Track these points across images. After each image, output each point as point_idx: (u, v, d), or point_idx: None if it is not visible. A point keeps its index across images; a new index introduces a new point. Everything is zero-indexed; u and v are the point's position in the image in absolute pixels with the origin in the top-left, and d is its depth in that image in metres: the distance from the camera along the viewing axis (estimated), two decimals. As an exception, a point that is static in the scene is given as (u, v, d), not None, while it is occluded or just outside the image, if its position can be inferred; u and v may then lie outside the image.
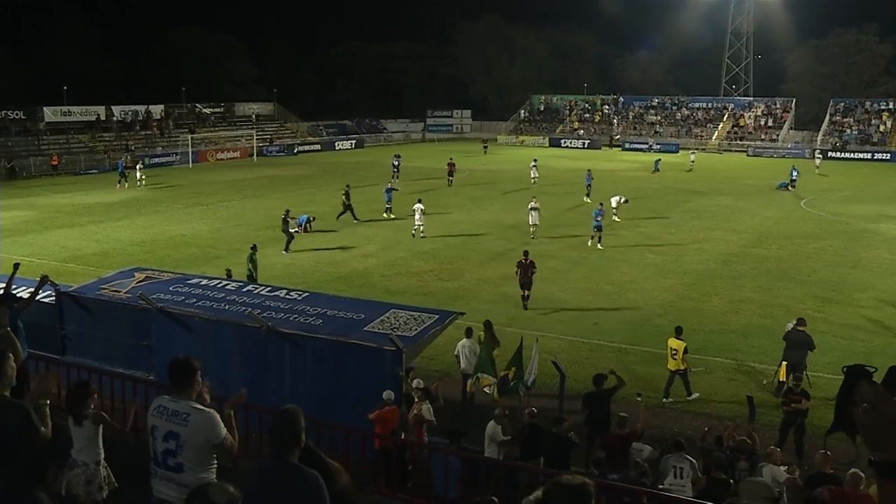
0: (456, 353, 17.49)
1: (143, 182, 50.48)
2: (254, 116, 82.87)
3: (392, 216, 38.68)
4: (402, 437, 12.90)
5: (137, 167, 52.38)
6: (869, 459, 2.30)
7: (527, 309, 24.38)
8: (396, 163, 53.86)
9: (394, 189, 40.00)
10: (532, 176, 51.47)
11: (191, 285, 16.43)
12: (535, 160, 54.68)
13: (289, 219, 31.85)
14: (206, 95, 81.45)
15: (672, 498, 10.62)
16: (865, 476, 10.97)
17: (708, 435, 13.38)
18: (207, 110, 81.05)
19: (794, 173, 51.91)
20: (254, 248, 25.95)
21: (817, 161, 64.26)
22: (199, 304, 15.38)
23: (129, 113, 72.93)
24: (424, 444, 12.88)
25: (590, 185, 45.52)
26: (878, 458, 2.28)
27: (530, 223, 34.35)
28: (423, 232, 34.48)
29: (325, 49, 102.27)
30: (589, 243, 32.48)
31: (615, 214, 37.98)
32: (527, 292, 24.57)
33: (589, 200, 42.74)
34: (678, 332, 18.29)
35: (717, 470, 11.42)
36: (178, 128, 74.33)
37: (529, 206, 34.62)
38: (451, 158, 53.91)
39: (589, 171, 47.36)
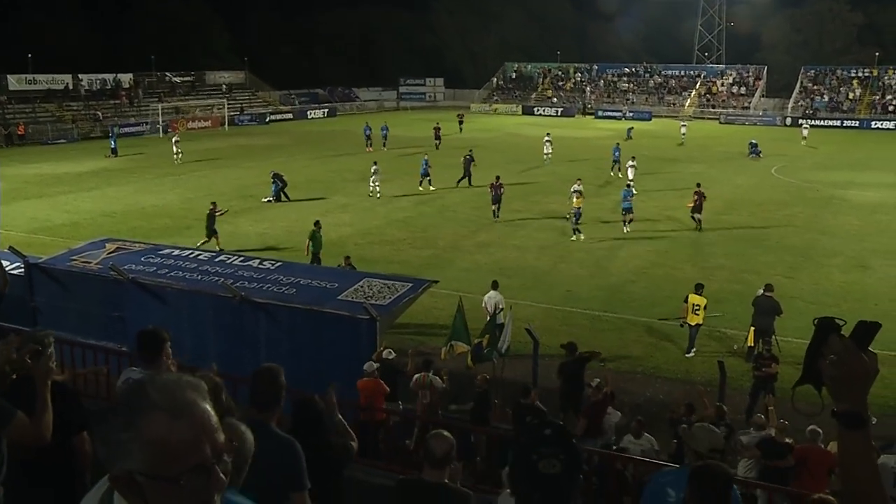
0: (483, 303, 18.20)
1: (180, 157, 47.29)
2: (224, 87, 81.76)
3: (431, 188, 37.94)
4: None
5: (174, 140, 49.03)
6: (832, 410, 2.40)
7: (497, 219, 30.68)
8: (384, 132, 53.57)
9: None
10: (545, 152, 47.24)
11: (163, 256, 16.31)
12: (548, 134, 49.19)
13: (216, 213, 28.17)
14: (176, 64, 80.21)
15: (645, 461, 10.77)
16: (823, 431, 11.26)
17: (679, 406, 13.54)
18: (178, 79, 79.95)
19: (753, 146, 52.16)
20: (317, 224, 24.79)
21: (804, 132, 61.68)
22: (172, 274, 15.27)
23: (98, 82, 71.78)
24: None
25: (617, 161, 42.46)
26: (841, 408, 2.36)
27: (573, 206, 29.95)
28: (378, 193, 35.58)
29: (300, 17, 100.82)
30: (625, 229, 29.78)
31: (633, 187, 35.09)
32: (497, 206, 31.33)
33: (617, 175, 41.17)
34: (699, 289, 18.62)
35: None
36: (148, 97, 73.27)
37: (572, 189, 30.55)
38: (437, 123, 55.75)
39: (617, 143, 45.06)
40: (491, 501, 6.71)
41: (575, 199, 29.48)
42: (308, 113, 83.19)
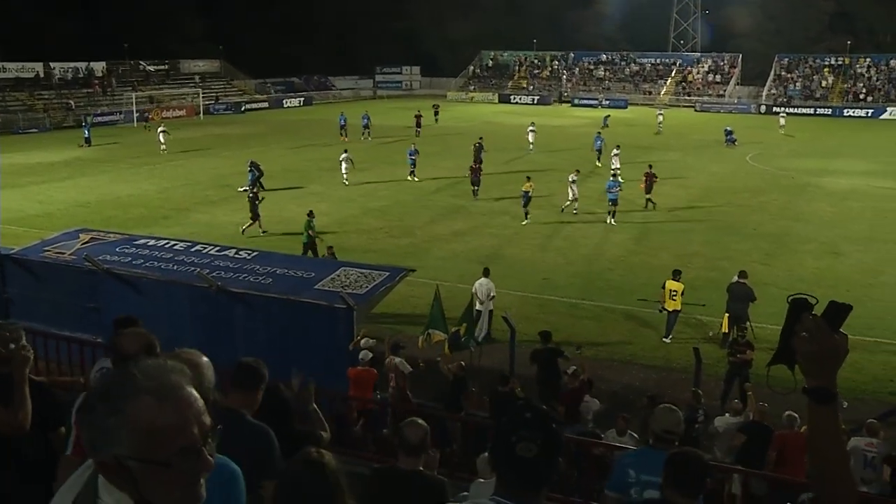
0: (474, 290, 18.28)
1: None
2: (196, 78, 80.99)
3: (416, 178, 37.71)
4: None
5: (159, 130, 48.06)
6: (803, 388, 2.49)
7: (476, 197, 32.50)
8: (365, 122, 53.35)
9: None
10: (530, 141, 47.44)
11: (138, 246, 16.18)
12: (532, 123, 49.23)
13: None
14: (150, 52, 79.36)
15: (622, 447, 10.84)
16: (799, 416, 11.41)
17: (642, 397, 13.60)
18: (152, 67, 79.18)
19: (728, 134, 52.45)
20: (311, 214, 24.77)
21: (781, 120, 61.70)
22: (148, 264, 15.16)
23: (70, 70, 70.93)
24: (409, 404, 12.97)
25: (600, 150, 42.55)
26: (811, 384, 2.46)
27: (570, 198, 31.25)
28: (346, 180, 36.18)
29: (275, 4, 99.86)
30: (607, 221, 29.70)
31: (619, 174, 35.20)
32: (476, 187, 33.48)
33: (600, 164, 41.20)
34: (676, 275, 18.82)
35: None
36: (122, 86, 72.51)
37: (570, 179, 31.37)
38: (418, 111, 56.52)
39: (599, 133, 45.12)
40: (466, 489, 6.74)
41: (525, 184, 30.02)
42: (284, 102, 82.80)
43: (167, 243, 16.66)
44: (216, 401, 4.92)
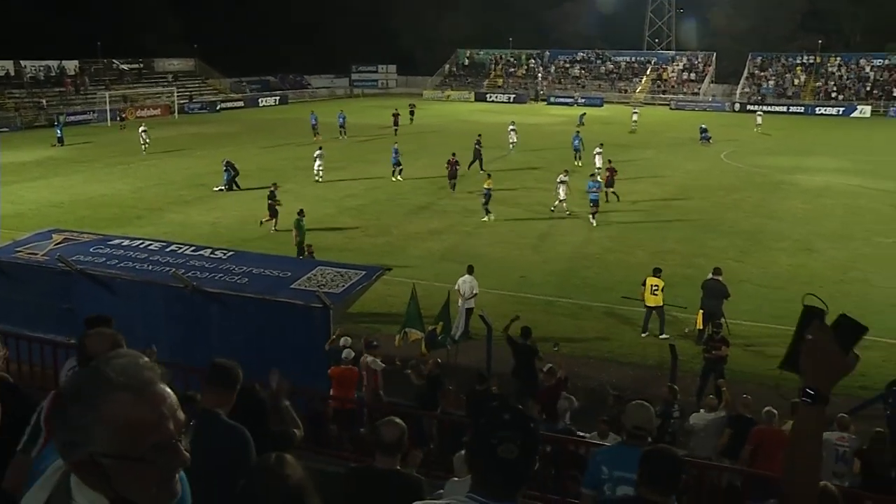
0: (457, 287, 18.44)
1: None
2: (169, 77, 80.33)
3: (400, 178, 37.32)
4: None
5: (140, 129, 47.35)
6: (800, 389, 2.58)
7: (454, 192, 33.24)
8: (341, 121, 53.12)
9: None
10: (510, 141, 46.87)
11: (112, 246, 16.06)
12: (513, 122, 48.91)
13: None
14: (124, 51, 78.66)
15: (598, 444, 10.89)
16: (778, 413, 11.53)
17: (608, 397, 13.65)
18: (125, 66, 78.49)
19: (703, 132, 52.81)
20: (301, 213, 24.74)
21: (758, 119, 61.45)
22: (122, 265, 15.05)
23: (41, 68, 70.16)
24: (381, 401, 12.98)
25: (578, 150, 42.12)
26: (808, 384, 2.55)
27: (561, 197, 30.71)
28: (320, 177, 36.25)
29: (251, 2, 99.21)
30: (591, 221, 29.34)
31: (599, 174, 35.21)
32: (453, 182, 34.27)
33: (579, 164, 40.60)
34: (657, 272, 19.01)
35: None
36: (95, 84, 71.84)
37: (558, 180, 30.98)
38: (395, 110, 56.18)
39: (577, 132, 44.75)
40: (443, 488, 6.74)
41: (486, 182, 30.18)
42: (259, 100, 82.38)
43: (142, 243, 16.55)
44: (193, 400, 4.91)
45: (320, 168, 36.67)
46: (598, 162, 37.12)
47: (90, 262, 15.13)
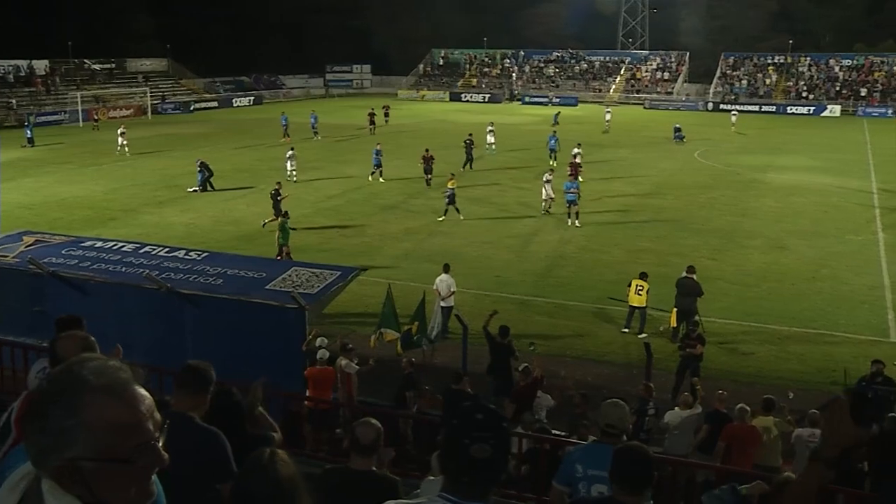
0: (435, 286, 18.45)
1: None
2: (140, 77, 79.58)
3: (381, 179, 37.14)
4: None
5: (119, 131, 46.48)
6: (816, 451, 3.07)
7: (429, 186, 33.79)
8: (313, 120, 52.85)
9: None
10: (488, 142, 46.19)
11: (85, 248, 15.91)
12: (491, 123, 48.22)
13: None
14: (95, 51, 77.88)
15: (574, 442, 10.94)
16: (750, 409, 11.66)
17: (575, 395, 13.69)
18: (97, 66, 77.77)
19: (677, 131, 53.23)
20: (286, 215, 24.62)
21: (733, 118, 61.81)
22: (95, 266, 14.92)
23: (10, 68, 69.35)
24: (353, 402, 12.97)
25: (554, 149, 41.70)
26: (826, 454, 2.97)
27: (543, 197, 30.91)
28: (294, 177, 36.05)
29: (225, 2, 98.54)
30: (569, 222, 29.25)
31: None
32: (429, 176, 35.04)
33: (554, 164, 39.70)
34: (643, 276, 19.12)
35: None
36: (66, 84, 71.11)
37: (544, 179, 31.13)
38: (371, 109, 56.18)
39: (554, 132, 44.52)
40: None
41: (450, 182, 30.30)
42: (233, 101, 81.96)
43: (115, 245, 16.42)
44: (165, 404, 4.86)
45: (293, 169, 36.58)
46: (578, 161, 37.17)
47: (62, 264, 14.99)
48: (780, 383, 15.65)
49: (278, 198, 28.07)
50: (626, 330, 19.03)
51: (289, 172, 36.41)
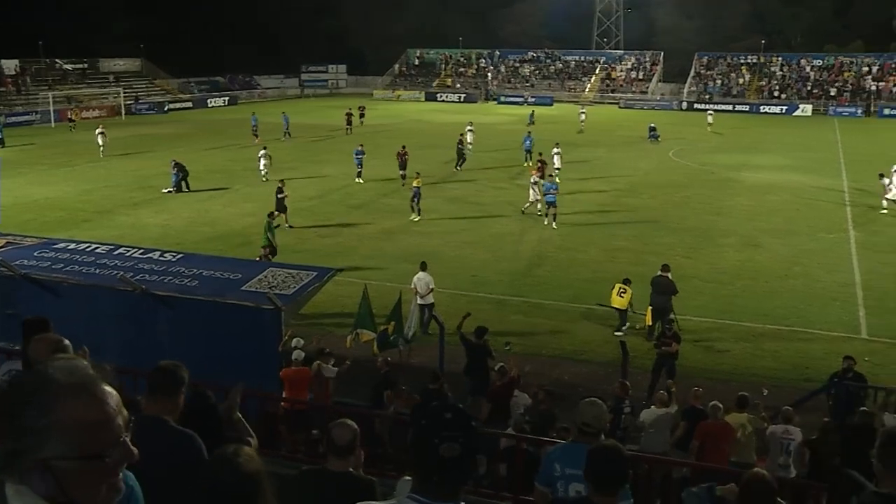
0: (412, 285, 18.55)
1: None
2: (111, 77, 78.76)
3: (359, 180, 36.94)
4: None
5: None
6: None
7: (404, 182, 33.87)
8: (285, 122, 52.50)
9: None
10: (468, 141, 45.49)
11: (58, 250, 15.73)
12: (470, 123, 48.10)
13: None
14: (67, 50, 77.08)
15: (553, 441, 10.98)
16: (725, 406, 11.76)
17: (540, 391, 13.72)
18: (69, 66, 77.02)
19: (652, 130, 53.59)
20: (271, 215, 24.50)
21: (709, 118, 61.60)
22: (68, 269, 14.76)
23: (-22, 68, 68.68)
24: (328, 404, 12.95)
25: (529, 150, 41.53)
26: None
27: (531, 199, 30.71)
28: (266, 176, 36.11)
29: (199, 2, 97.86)
30: (545, 222, 29.25)
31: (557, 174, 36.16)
32: (403, 172, 35.29)
33: (528, 164, 39.74)
34: (626, 282, 19.29)
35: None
36: (37, 84, 70.34)
37: (532, 181, 30.87)
38: (348, 108, 56.45)
39: (529, 132, 44.48)
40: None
41: (415, 181, 30.48)
42: (208, 101, 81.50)
43: (88, 247, 16.25)
44: (136, 406, 4.83)
45: (266, 168, 36.74)
46: (557, 162, 37.33)
47: (34, 266, 14.82)
48: (754, 380, 15.81)
49: (280, 195, 28.54)
50: (619, 333, 19.02)
51: (262, 171, 36.54)
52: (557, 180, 31.40)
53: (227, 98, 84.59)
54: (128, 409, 1.94)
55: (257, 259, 19.76)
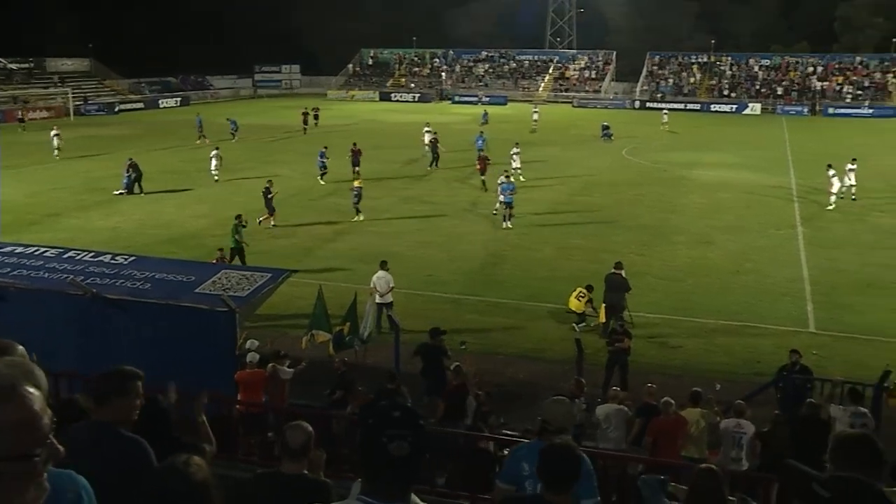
0: (372, 283, 18.60)
1: None
2: (56, 77, 77.20)
3: (322, 182, 36.53)
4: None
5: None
6: None
7: (358, 175, 33.43)
8: (233, 126, 51.90)
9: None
10: (426, 142, 44.73)
11: (4, 254, 15.41)
12: (428, 124, 47.19)
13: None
14: (11, 49, 75.41)
15: (511, 439, 11.03)
16: (678, 402, 11.93)
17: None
18: (14, 66, 75.46)
19: (605, 129, 54.12)
20: (238, 217, 24.02)
21: (664, 117, 62.36)
22: (15, 273, 14.46)
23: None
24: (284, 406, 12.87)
25: (482, 150, 40.06)
26: None
27: (502, 200, 29.78)
28: (216, 176, 36.60)
29: (149, 1, 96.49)
30: (504, 225, 28.95)
31: (520, 174, 36.30)
32: (357, 168, 35.59)
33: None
34: (589, 288, 19.42)
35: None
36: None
37: (499, 181, 30.24)
38: (304, 108, 56.54)
39: (482, 132, 44.32)
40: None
41: (356, 181, 30.75)
42: (160, 102, 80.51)
43: (36, 250, 15.94)
44: (83, 411, 4.74)
45: (217, 169, 36.72)
46: (516, 163, 37.34)
47: (-20, 271, 14.51)
48: (707, 375, 16.02)
49: (269, 195, 28.55)
50: (577, 329, 19.13)
51: (213, 172, 36.47)
52: (515, 180, 31.42)
53: (179, 99, 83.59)
54: (66, 410, 1.95)
55: (214, 261, 19.57)
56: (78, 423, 4.58)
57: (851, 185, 33.69)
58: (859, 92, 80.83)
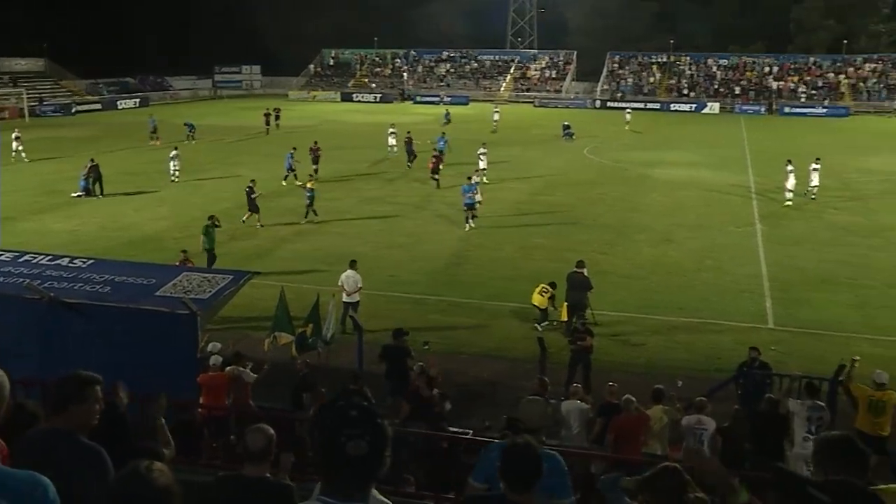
0: (340, 283, 18.66)
1: None
2: (7, 77, 75.81)
3: (298, 183, 35.34)
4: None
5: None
6: None
7: (317, 175, 34.38)
8: (190, 130, 51.27)
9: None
10: (390, 144, 45.66)
11: (-43, 259, 15.13)
12: (392, 125, 47.41)
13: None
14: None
15: (477, 440, 11.05)
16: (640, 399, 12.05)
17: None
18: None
19: (566, 129, 54.52)
20: (211, 218, 23.70)
21: (627, 116, 62.96)
22: (-31, 278, 14.20)
23: None
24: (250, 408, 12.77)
25: (442, 151, 39.96)
26: None
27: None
28: (176, 177, 36.89)
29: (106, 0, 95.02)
30: (466, 227, 28.72)
31: (484, 175, 36.22)
32: (316, 167, 36.74)
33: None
34: (552, 285, 19.56)
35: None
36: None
37: (473, 182, 29.98)
38: (267, 109, 56.74)
39: (443, 133, 44.54)
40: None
41: (308, 182, 30.64)
42: (118, 103, 79.43)
43: (-9, 255, 15.67)
44: (36, 417, 4.67)
45: (176, 169, 36.86)
46: (483, 163, 37.37)
47: (-68, 276, 14.21)
48: (669, 372, 16.17)
49: (252, 195, 28.54)
50: (539, 328, 19.20)
51: (171, 172, 36.55)
52: (477, 180, 31.37)
53: (137, 100, 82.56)
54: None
55: (178, 263, 19.36)
56: (35, 429, 4.51)
57: (815, 186, 34.08)
58: (813, 92, 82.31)
